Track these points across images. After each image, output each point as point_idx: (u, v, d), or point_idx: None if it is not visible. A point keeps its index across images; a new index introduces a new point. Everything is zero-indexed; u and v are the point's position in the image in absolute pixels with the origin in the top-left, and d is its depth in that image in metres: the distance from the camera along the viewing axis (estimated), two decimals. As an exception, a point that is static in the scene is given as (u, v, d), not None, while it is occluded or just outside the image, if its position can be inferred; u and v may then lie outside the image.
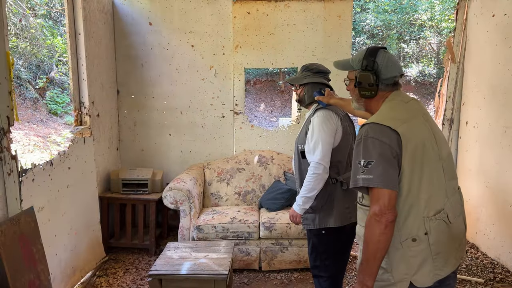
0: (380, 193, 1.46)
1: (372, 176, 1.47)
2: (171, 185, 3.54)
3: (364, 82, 1.64)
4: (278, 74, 17.82)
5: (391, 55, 1.67)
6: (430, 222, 1.50)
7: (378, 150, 1.48)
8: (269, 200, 3.73)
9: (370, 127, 1.54)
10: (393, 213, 1.46)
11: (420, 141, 1.52)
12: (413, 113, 1.61)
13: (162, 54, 4.30)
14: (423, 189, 1.51)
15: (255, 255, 3.48)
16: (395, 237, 1.51)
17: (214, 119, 4.40)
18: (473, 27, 4.14)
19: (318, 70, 2.50)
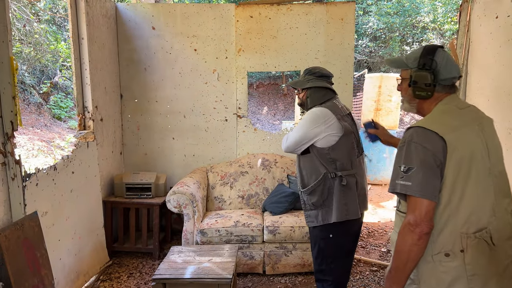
0: (418, 202, 1.40)
1: (411, 183, 1.41)
2: (174, 189, 3.54)
3: (420, 81, 1.54)
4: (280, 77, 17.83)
5: (449, 55, 1.56)
6: (468, 239, 1.41)
7: (421, 156, 1.41)
8: (272, 204, 3.72)
9: (416, 131, 1.46)
10: (429, 225, 1.40)
11: (468, 152, 1.42)
12: (466, 121, 1.49)
13: (165, 58, 4.31)
14: (465, 203, 1.42)
15: (259, 259, 3.46)
16: (427, 249, 1.45)
17: (217, 123, 4.40)
18: (476, 29, 4.13)
19: (321, 74, 2.48)
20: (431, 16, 17.83)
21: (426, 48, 1.57)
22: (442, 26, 17.54)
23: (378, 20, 17.96)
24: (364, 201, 2.43)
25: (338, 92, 2.57)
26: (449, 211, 1.42)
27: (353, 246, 2.50)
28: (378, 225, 4.96)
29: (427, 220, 1.39)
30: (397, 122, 7.26)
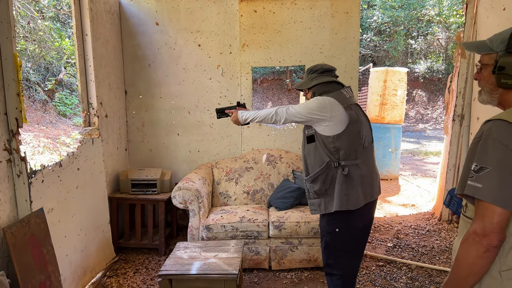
0: (488, 209, 1.20)
1: (481, 185, 1.21)
2: (179, 185, 3.53)
3: (509, 67, 1.29)
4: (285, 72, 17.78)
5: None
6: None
7: (499, 156, 1.20)
8: (278, 199, 3.71)
9: (496, 124, 1.24)
10: (499, 237, 1.20)
11: None
12: None
13: (169, 54, 4.30)
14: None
15: (264, 254, 3.46)
16: (495, 263, 1.25)
17: (222, 119, 4.37)
18: (483, 21, 4.07)
19: (323, 70, 2.49)
20: (436, 9, 17.68)
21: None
22: (448, 19, 17.40)
23: (382, 14, 17.85)
24: (371, 191, 2.39)
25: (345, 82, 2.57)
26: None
27: (362, 241, 2.48)
28: (384, 220, 4.94)
29: (498, 231, 1.19)
30: (403, 116, 7.21)
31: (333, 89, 2.43)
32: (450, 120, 4.59)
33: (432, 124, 16.72)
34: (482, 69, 1.42)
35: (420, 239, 4.26)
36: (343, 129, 2.29)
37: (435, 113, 17.49)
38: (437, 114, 17.38)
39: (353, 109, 2.37)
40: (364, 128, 2.39)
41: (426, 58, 18.61)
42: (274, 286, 3.28)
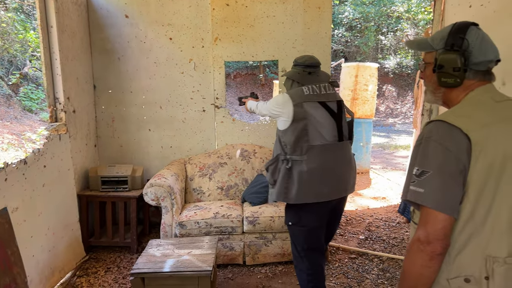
0: (431, 215, 1.15)
1: (423, 190, 1.16)
2: (151, 182, 3.47)
3: (448, 65, 1.24)
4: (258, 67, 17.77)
5: (485, 34, 1.26)
6: (495, 264, 1.13)
7: (440, 159, 1.15)
8: (252, 194, 3.70)
9: (437, 126, 1.19)
10: (443, 244, 1.15)
11: (501, 154, 1.14)
12: (502, 117, 1.19)
13: (139, 47, 4.20)
14: (494, 219, 1.14)
15: (239, 250, 3.45)
16: (442, 271, 1.20)
17: (194, 113, 4.33)
18: (450, 18, 4.17)
19: (296, 63, 2.63)
20: (405, 6, 18.06)
21: (457, 25, 1.26)
22: (416, 16, 17.81)
23: (353, 10, 18.08)
24: (322, 190, 2.40)
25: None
26: (472, 228, 1.16)
27: (318, 240, 2.54)
28: (355, 213, 5.02)
29: (442, 237, 1.14)
30: (374, 111, 7.34)
31: (295, 83, 2.54)
32: (419, 114, 4.70)
33: (402, 119, 17.11)
34: (425, 67, 1.37)
35: (390, 231, 4.35)
36: (288, 125, 2.41)
37: (404, 107, 17.91)
38: (406, 108, 17.79)
39: (306, 106, 2.39)
40: (316, 126, 2.39)
41: (396, 54, 19.00)
42: (249, 281, 3.28)
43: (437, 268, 1.18)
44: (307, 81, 2.50)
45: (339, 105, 2.51)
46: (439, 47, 1.29)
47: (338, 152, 2.46)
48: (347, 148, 2.53)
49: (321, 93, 2.47)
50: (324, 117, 2.42)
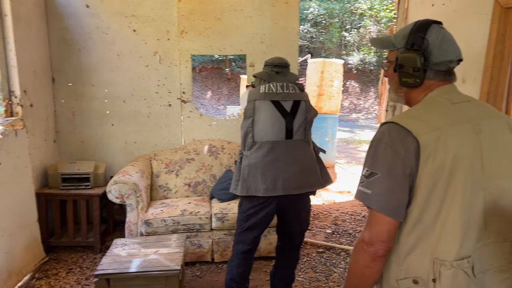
0: (376, 217, 1.16)
1: (370, 192, 1.16)
2: (115, 179, 3.35)
3: (408, 65, 1.22)
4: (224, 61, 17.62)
5: (448, 33, 1.23)
6: (442, 267, 1.12)
7: (389, 162, 1.15)
8: (220, 191, 3.65)
9: (389, 128, 1.18)
10: (385, 247, 1.15)
11: (451, 158, 1.12)
12: (456, 120, 1.18)
13: (101, 39, 4.02)
14: (442, 223, 1.13)
15: (207, 247, 3.40)
16: (392, 272, 1.20)
17: (160, 108, 4.21)
18: (413, 15, 4.27)
19: (265, 64, 2.69)
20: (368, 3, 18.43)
21: (418, 23, 1.24)
22: (379, 13, 18.21)
23: (319, 6, 18.27)
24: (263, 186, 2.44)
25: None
26: (420, 231, 1.15)
27: (255, 234, 2.59)
28: (322, 207, 5.08)
29: (385, 240, 1.15)
30: (339, 107, 7.44)
31: (261, 82, 2.58)
32: (383, 110, 4.80)
33: (365, 114, 17.51)
34: (389, 66, 1.35)
35: (356, 225, 4.43)
36: (242, 121, 2.55)
37: (367, 103, 18.33)
38: (369, 104, 18.22)
39: (257, 104, 2.47)
40: (262, 123, 2.46)
41: (359, 50, 19.39)
42: (218, 278, 3.24)
43: (379, 269, 1.19)
44: (273, 80, 2.55)
45: (295, 105, 2.51)
46: (400, 46, 1.27)
47: (284, 150, 2.48)
48: (298, 147, 2.53)
49: (277, 91, 2.50)
50: (272, 115, 2.47)
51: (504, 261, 1.18)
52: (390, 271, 1.20)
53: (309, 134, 2.60)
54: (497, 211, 1.17)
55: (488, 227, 1.16)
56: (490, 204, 1.16)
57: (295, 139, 2.50)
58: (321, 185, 2.64)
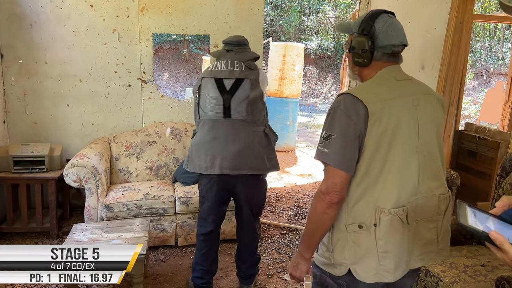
0: (332, 171, 1.36)
1: (328, 150, 1.36)
2: (73, 162, 3.19)
3: (358, 47, 1.45)
4: (182, 42, 17.19)
5: (396, 21, 1.45)
6: (382, 214, 1.35)
7: (343, 125, 1.35)
8: (184, 174, 3.58)
9: (345, 98, 1.39)
10: (339, 196, 1.36)
11: (393, 124, 1.35)
12: (399, 94, 1.41)
13: (55, 13, 3.77)
14: (384, 177, 1.36)
15: (171, 231, 3.35)
16: (342, 218, 1.41)
17: (119, 88, 4.04)
18: (376, 1, 4.35)
19: (225, 42, 2.66)
20: (327, -12, 18.53)
21: (371, 12, 1.46)
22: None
23: (278, -11, 18.15)
24: (206, 163, 2.49)
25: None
26: (366, 183, 1.37)
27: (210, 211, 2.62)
28: (284, 189, 5.15)
29: (338, 190, 1.35)
30: (300, 91, 7.50)
31: (222, 58, 2.56)
32: (345, 94, 4.90)
33: (322, 99, 17.80)
34: (348, 48, 1.54)
35: (317, 207, 4.53)
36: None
37: (324, 88, 18.62)
38: (326, 89, 18.53)
39: (203, 81, 2.51)
40: (203, 101, 2.51)
41: (317, 35, 19.57)
42: (182, 262, 3.21)
43: (333, 215, 1.39)
44: (222, 58, 2.54)
45: (236, 83, 2.45)
46: (355, 31, 1.48)
47: (223, 130, 2.47)
48: (237, 126, 2.46)
49: (222, 69, 2.48)
50: (211, 93, 2.47)
51: (433, 213, 1.44)
52: (340, 218, 1.41)
53: (256, 115, 2.49)
54: (427, 172, 1.42)
55: (421, 184, 1.41)
56: (423, 166, 1.41)
57: (233, 119, 2.45)
58: (265, 170, 2.58)
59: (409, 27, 3.80)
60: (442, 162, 1.48)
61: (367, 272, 1.39)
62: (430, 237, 1.46)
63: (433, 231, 1.46)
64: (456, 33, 3.28)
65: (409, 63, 3.81)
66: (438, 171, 1.46)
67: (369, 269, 1.38)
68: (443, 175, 1.49)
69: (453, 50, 3.31)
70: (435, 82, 3.42)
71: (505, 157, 2.58)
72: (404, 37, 1.45)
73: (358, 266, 1.40)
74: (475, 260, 2.32)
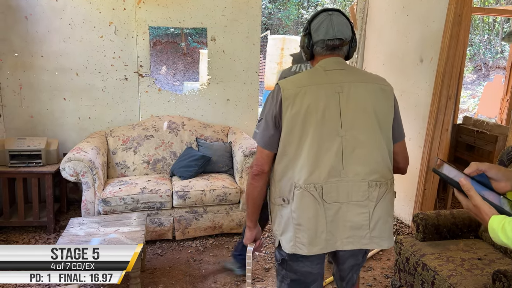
0: (257, 148, 1.60)
1: (257, 131, 1.60)
2: (70, 156, 3.18)
3: (301, 44, 1.66)
4: (179, 35, 17.10)
5: (335, 17, 1.56)
6: (295, 189, 1.50)
7: (267, 109, 1.56)
8: (181, 168, 3.57)
9: (276, 86, 1.59)
10: (259, 169, 1.58)
11: (305, 108, 1.48)
12: (320, 81, 1.53)
13: (51, 6, 3.73)
14: (300, 156, 1.50)
15: (168, 225, 3.34)
16: (272, 192, 1.63)
17: (116, 82, 4.01)
18: (375, -6, 4.31)
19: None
20: (326, -19, 18.39)
21: (313, 14, 1.63)
22: (336, -9, 18.25)
23: (277, -18, 18.01)
24: None
25: (245, 52, 2.53)
26: (286, 162, 1.53)
27: None
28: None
29: (259, 164, 1.58)
30: (298, 84, 7.47)
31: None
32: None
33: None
34: None
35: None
36: None
37: (323, 81, 18.58)
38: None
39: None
40: None
41: (316, 28, 19.44)
42: (179, 256, 3.21)
43: (257, 186, 1.61)
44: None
45: None
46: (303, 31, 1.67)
47: None
48: None
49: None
50: None
51: (361, 198, 1.52)
52: (271, 193, 1.63)
53: None
54: (354, 156, 1.50)
55: (346, 167, 1.50)
56: (347, 150, 1.50)
57: None
58: None
59: (408, 20, 3.80)
60: (379, 149, 1.53)
61: (288, 243, 1.55)
62: (359, 222, 1.53)
63: (362, 216, 1.53)
64: (455, 26, 3.26)
65: (408, 56, 3.81)
66: (369, 157, 1.52)
67: (289, 240, 1.55)
68: (377, 162, 1.52)
69: (452, 44, 3.29)
70: (433, 75, 3.41)
71: (502, 151, 2.58)
72: (331, 32, 1.55)
73: (283, 237, 1.57)
74: (472, 254, 2.32)
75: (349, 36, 1.59)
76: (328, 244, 1.53)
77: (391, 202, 1.60)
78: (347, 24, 1.58)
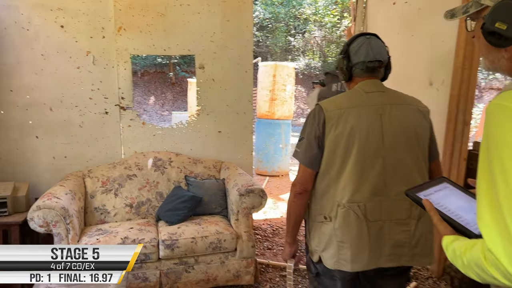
0: (300, 167, 1.65)
1: (299, 150, 1.64)
2: (39, 203, 2.74)
3: (338, 66, 1.71)
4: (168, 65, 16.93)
5: (372, 41, 1.63)
6: (339, 207, 1.55)
7: (309, 129, 1.61)
8: (168, 211, 3.15)
9: (316, 107, 1.64)
10: (302, 187, 1.63)
11: (348, 129, 1.54)
12: (362, 103, 1.58)
13: (21, 35, 3.38)
14: (342, 175, 1.55)
15: (154, 280, 2.88)
16: (312, 210, 1.66)
17: (94, 116, 3.62)
18: (373, 15, 4.06)
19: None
20: (313, 9, 18.59)
21: (351, 37, 1.68)
22: (323, 18, 18.42)
23: (264, 10, 18.14)
24: None
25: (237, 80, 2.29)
26: (327, 180, 1.58)
27: None
28: (281, 220, 4.71)
29: (302, 182, 1.63)
30: (292, 112, 7.18)
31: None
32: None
33: (312, 118, 17.58)
34: None
35: (319, 239, 4.11)
36: None
37: (314, 107, 18.44)
38: (316, 108, 18.34)
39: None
40: None
41: (304, 55, 19.51)
42: (168, 317, 2.74)
43: (299, 203, 1.66)
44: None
45: None
46: (340, 53, 1.73)
47: None
48: None
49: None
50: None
51: (403, 216, 1.57)
52: (311, 210, 1.68)
53: None
54: (396, 176, 1.55)
55: (388, 187, 1.55)
56: (389, 170, 1.54)
57: None
58: None
59: (413, 41, 3.50)
60: (418, 168, 1.58)
61: (330, 259, 1.58)
62: (401, 239, 1.56)
63: (404, 234, 1.57)
64: (468, 45, 2.96)
65: (415, 79, 3.49)
66: (409, 176, 1.56)
67: (331, 256, 1.58)
68: (417, 181, 1.53)
69: (465, 64, 2.99)
70: (447, 99, 3.09)
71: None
72: (370, 55, 1.60)
73: (324, 253, 1.61)
74: None
75: (386, 58, 1.65)
76: (371, 261, 1.55)
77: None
78: (384, 47, 1.65)
